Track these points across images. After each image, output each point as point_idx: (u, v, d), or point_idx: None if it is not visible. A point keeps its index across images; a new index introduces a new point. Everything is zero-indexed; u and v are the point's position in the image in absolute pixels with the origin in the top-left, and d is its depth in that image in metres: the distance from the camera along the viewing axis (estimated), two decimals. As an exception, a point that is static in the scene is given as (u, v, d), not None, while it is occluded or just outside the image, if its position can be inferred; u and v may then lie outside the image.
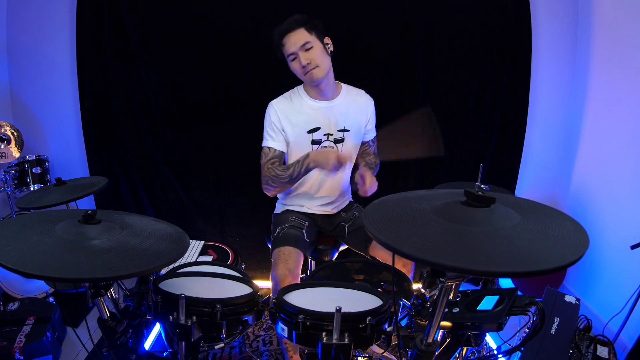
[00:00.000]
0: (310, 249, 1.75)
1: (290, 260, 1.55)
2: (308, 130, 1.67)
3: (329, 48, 1.61)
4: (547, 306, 1.52)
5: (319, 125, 1.68)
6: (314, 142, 1.69)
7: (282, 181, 1.60)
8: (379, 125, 1.86)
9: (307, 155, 1.55)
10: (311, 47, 1.55)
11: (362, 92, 1.80)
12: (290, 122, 1.66)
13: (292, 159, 1.71)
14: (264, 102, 1.73)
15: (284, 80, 1.78)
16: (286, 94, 1.72)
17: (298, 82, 1.75)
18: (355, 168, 1.87)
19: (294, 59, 1.57)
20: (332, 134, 1.70)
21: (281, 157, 1.67)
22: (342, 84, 1.76)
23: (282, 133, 1.66)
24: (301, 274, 1.66)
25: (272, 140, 1.66)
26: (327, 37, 1.62)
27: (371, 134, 1.84)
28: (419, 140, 1.59)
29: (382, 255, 1.61)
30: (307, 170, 1.57)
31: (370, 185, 1.59)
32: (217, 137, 2.41)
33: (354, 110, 1.73)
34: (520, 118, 2.34)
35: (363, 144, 1.83)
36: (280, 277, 1.50)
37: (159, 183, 2.52)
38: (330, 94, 1.69)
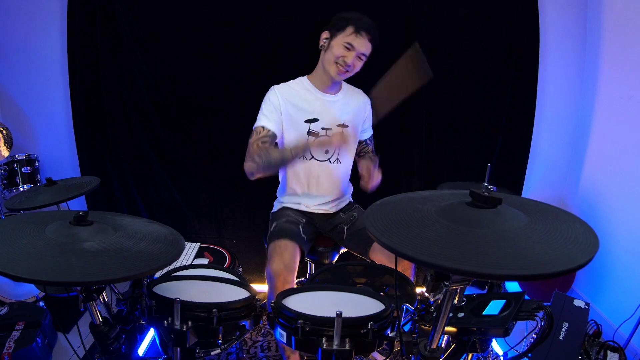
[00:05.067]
0: (308, 246, 1.73)
1: (286, 254, 1.53)
2: (306, 119, 1.66)
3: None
4: (555, 311, 1.51)
5: (317, 116, 1.68)
6: (310, 133, 1.68)
7: (269, 159, 1.52)
8: (381, 124, 1.84)
9: (306, 143, 1.58)
10: (362, 60, 1.62)
11: (360, 91, 1.83)
12: (290, 107, 1.65)
13: (287, 145, 1.70)
14: (262, 99, 1.71)
15: (283, 77, 1.76)
16: (289, 82, 1.73)
17: (297, 77, 1.73)
18: (355, 167, 1.86)
19: (346, 49, 1.57)
20: (330, 129, 1.69)
21: (273, 138, 1.62)
22: (344, 83, 1.79)
23: (280, 115, 1.64)
24: (301, 277, 1.64)
25: (266, 120, 1.62)
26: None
27: (368, 133, 1.87)
28: (409, 76, 1.56)
29: (382, 259, 1.59)
30: (304, 151, 1.59)
31: (375, 179, 1.64)
32: (213, 136, 2.37)
33: (353, 108, 1.75)
34: (527, 116, 2.30)
35: (360, 142, 1.84)
36: (275, 271, 1.47)
37: (152, 183, 2.48)
38: (334, 89, 1.73)
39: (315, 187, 1.76)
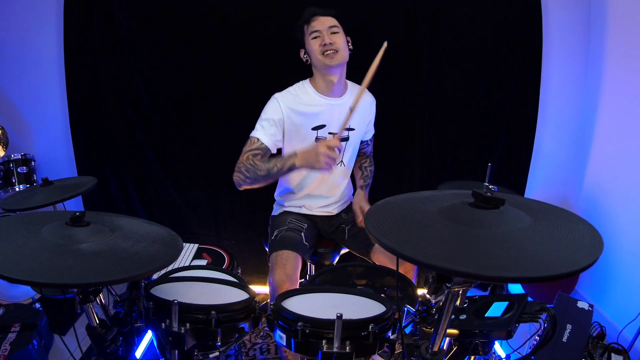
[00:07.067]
0: (310, 253, 1.72)
1: (288, 265, 1.52)
2: (313, 127, 1.65)
3: (349, 45, 1.65)
4: (558, 313, 1.49)
5: (324, 122, 1.66)
6: (317, 140, 1.66)
7: (257, 173, 1.51)
8: (382, 123, 1.84)
9: (295, 154, 1.48)
10: (337, 32, 1.59)
11: (366, 90, 1.78)
12: (294, 115, 1.62)
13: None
14: (262, 99, 1.70)
15: (284, 76, 1.75)
16: (291, 89, 1.68)
17: (299, 79, 1.71)
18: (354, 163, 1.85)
19: (316, 37, 1.58)
20: (337, 133, 1.67)
21: (266, 152, 1.61)
22: (348, 82, 1.75)
23: (277, 129, 1.61)
24: (301, 279, 1.63)
25: (262, 132, 1.60)
26: (348, 37, 1.66)
27: (370, 133, 1.86)
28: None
29: (383, 260, 1.58)
30: (290, 169, 1.49)
31: None
32: (212, 135, 2.36)
33: (360, 109, 1.71)
34: (530, 115, 2.29)
35: (362, 142, 1.84)
36: (277, 282, 1.47)
37: (150, 183, 2.47)
38: (338, 92, 1.69)
39: (319, 190, 1.75)
